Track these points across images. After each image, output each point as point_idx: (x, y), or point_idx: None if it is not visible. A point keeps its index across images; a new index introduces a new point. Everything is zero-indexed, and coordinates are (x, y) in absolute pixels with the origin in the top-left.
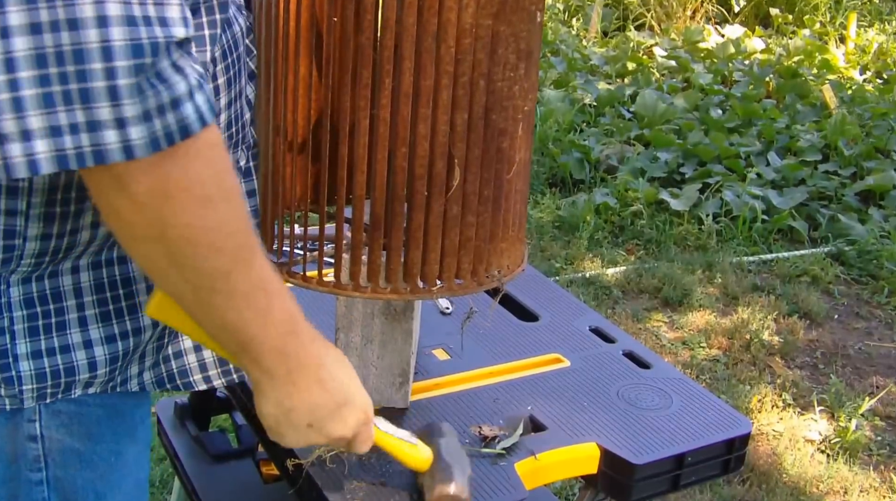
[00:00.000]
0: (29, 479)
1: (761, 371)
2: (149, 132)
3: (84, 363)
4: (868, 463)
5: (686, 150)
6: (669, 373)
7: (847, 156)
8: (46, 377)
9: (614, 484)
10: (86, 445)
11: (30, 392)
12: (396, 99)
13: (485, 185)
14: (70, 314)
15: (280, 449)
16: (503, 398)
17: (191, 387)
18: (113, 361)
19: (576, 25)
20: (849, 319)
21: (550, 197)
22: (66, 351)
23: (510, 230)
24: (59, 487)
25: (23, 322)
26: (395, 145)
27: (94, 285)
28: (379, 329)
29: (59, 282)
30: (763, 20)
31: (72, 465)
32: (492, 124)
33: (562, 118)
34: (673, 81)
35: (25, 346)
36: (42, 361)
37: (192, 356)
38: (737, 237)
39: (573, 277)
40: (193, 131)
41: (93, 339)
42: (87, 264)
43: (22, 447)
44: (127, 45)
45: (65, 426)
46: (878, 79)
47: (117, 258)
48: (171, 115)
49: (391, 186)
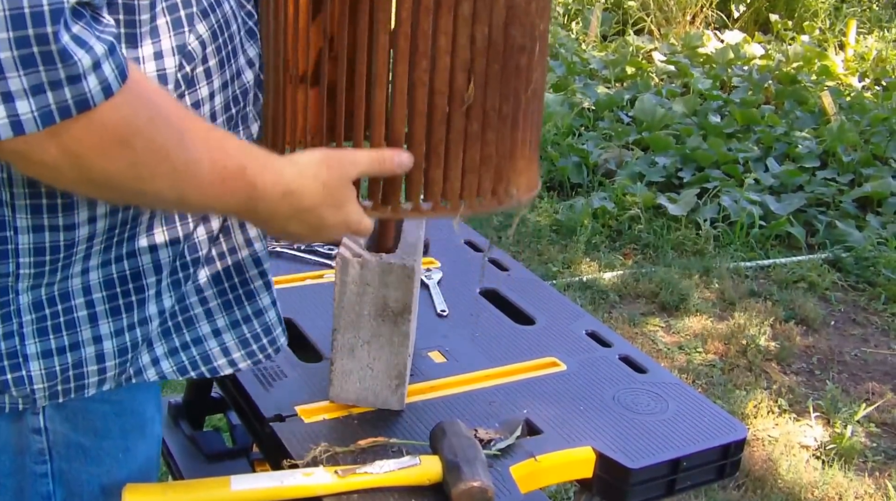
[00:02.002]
0: (34, 472)
1: (757, 377)
2: (39, 107)
3: (92, 357)
4: (863, 470)
5: (684, 155)
6: (665, 378)
7: (845, 163)
8: (56, 375)
9: (609, 488)
10: (91, 440)
11: (41, 392)
12: (417, 11)
13: (504, 101)
14: (79, 312)
15: (274, 449)
16: (499, 401)
17: (216, 373)
18: (122, 352)
19: (575, 29)
20: (845, 325)
21: (548, 201)
22: (75, 348)
23: (527, 150)
24: (63, 480)
25: (32, 325)
26: (415, 59)
27: (104, 282)
28: (376, 331)
29: (69, 285)
30: (762, 26)
31: (76, 459)
32: (511, 39)
33: (560, 122)
34: (672, 85)
35: (35, 346)
36: (52, 360)
37: (213, 341)
38: (734, 243)
39: (570, 280)
40: (96, 103)
41: (102, 334)
42: (97, 264)
43: (27, 439)
44: (7, 15)
45: (69, 421)
46: (876, 86)
47: (126, 254)
48: (68, 90)
49: (412, 101)
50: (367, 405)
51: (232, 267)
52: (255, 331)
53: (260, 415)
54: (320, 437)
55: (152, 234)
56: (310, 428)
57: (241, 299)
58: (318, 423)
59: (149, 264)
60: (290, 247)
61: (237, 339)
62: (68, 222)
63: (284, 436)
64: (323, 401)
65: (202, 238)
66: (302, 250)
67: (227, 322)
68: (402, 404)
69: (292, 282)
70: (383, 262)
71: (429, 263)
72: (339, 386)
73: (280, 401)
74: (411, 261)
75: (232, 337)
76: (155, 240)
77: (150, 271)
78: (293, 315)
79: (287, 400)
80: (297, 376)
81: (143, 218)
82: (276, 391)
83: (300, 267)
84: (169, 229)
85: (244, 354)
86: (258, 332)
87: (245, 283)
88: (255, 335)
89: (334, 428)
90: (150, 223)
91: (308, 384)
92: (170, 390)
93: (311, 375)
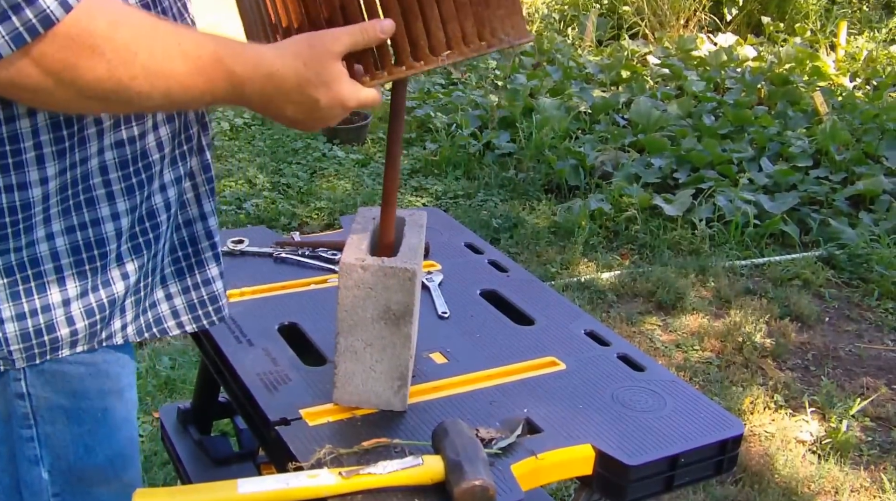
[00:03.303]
0: (21, 436)
1: (753, 373)
2: (8, 31)
3: (63, 319)
4: (859, 463)
5: (679, 156)
6: (663, 375)
7: (838, 161)
8: (31, 336)
9: (609, 485)
10: (71, 401)
11: (18, 353)
12: None
13: None
14: (48, 276)
15: (280, 452)
16: (499, 400)
17: (165, 333)
18: (89, 314)
19: (571, 34)
20: (839, 321)
21: (546, 203)
22: (46, 311)
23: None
24: (49, 443)
25: (4, 289)
26: None
27: (70, 248)
28: (378, 334)
29: (37, 250)
30: (755, 28)
31: (59, 420)
32: None
33: (557, 126)
34: (666, 88)
35: (10, 310)
36: (25, 322)
37: (165, 305)
38: (729, 242)
39: (568, 281)
40: (57, 17)
41: (70, 297)
42: (60, 229)
43: (12, 404)
44: None
45: (49, 384)
46: (867, 86)
47: (90, 222)
48: (29, 10)
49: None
50: (370, 407)
51: (186, 238)
52: (203, 298)
53: (265, 419)
54: (324, 439)
55: (114, 203)
56: (314, 431)
57: (193, 268)
58: (322, 426)
59: (112, 232)
60: (294, 253)
61: (186, 303)
62: (20, 180)
63: (289, 439)
64: (327, 404)
65: (159, 205)
66: (306, 255)
67: (178, 288)
68: (404, 405)
69: (297, 287)
70: (385, 266)
71: (430, 266)
72: (343, 389)
73: (285, 405)
74: (412, 264)
75: (182, 302)
76: (117, 208)
77: (113, 237)
78: (297, 320)
79: (292, 404)
80: (301, 380)
81: (96, 180)
82: (281, 395)
83: (304, 272)
84: (129, 199)
85: (191, 317)
86: (205, 299)
87: (197, 253)
88: (202, 301)
89: (338, 430)
90: (110, 193)
91: (312, 387)
92: (179, 396)
93: (315, 378)
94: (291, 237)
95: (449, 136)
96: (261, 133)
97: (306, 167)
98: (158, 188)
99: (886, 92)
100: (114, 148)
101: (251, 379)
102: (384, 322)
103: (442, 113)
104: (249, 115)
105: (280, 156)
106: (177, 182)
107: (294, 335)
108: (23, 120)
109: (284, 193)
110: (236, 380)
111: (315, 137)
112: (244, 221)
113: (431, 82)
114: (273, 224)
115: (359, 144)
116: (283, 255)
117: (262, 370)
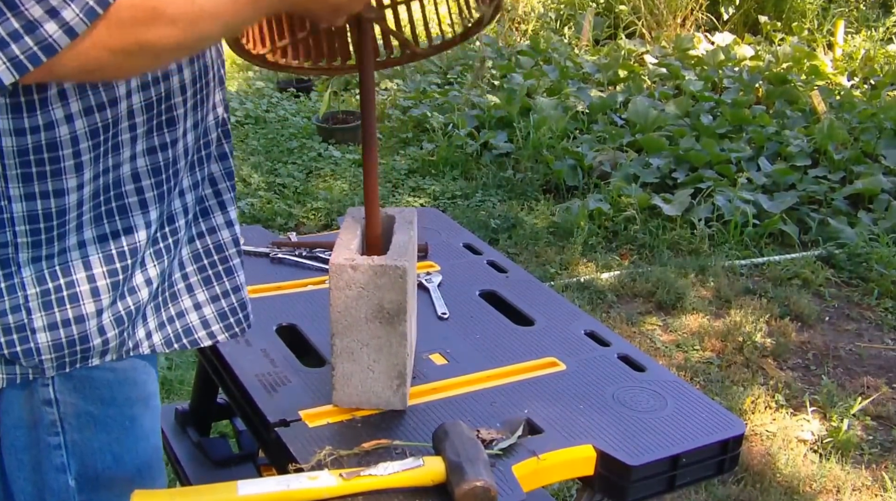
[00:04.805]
0: (48, 444)
1: (754, 373)
2: (80, 8)
3: (95, 330)
4: (860, 462)
5: (678, 156)
6: (663, 376)
7: (836, 160)
8: (63, 347)
9: (611, 485)
10: (99, 408)
11: (49, 362)
12: None
13: None
14: (81, 286)
15: (280, 454)
16: (500, 401)
17: (196, 344)
18: (119, 322)
19: (568, 34)
20: (839, 320)
21: (545, 203)
22: (80, 321)
23: None
24: (76, 451)
25: (37, 299)
26: None
27: (104, 258)
28: (373, 333)
29: (68, 258)
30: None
31: (87, 428)
32: None
33: (555, 126)
34: (664, 88)
35: (42, 319)
36: (58, 332)
37: (194, 315)
38: (729, 241)
39: (568, 282)
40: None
41: (103, 306)
42: (92, 237)
43: (39, 411)
44: None
45: (77, 390)
46: (865, 84)
47: (123, 230)
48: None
49: None
50: (370, 407)
51: (212, 246)
52: (233, 305)
53: (265, 421)
54: (325, 441)
55: (147, 211)
56: (314, 432)
57: (221, 276)
58: (322, 427)
59: (143, 239)
60: (292, 253)
61: (216, 312)
62: (57, 187)
63: (289, 441)
64: (326, 405)
65: (178, 210)
66: (303, 256)
67: (206, 297)
68: (404, 404)
69: (294, 288)
70: (375, 264)
71: (429, 266)
72: (342, 390)
73: (284, 407)
74: (402, 262)
75: (211, 310)
76: (150, 216)
77: (146, 244)
78: (296, 321)
79: (291, 405)
80: (300, 381)
81: (128, 188)
82: (281, 396)
83: (301, 273)
84: (159, 206)
85: (222, 326)
86: (235, 306)
87: (225, 260)
88: (232, 309)
89: (338, 432)
90: (142, 201)
91: (311, 388)
92: (176, 397)
93: (314, 380)
94: (288, 238)
95: (446, 136)
96: (254, 132)
97: (302, 167)
98: (178, 193)
99: (884, 91)
100: (146, 155)
101: (250, 380)
102: (379, 322)
103: (438, 113)
104: (242, 113)
105: (275, 155)
106: (194, 187)
107: (293, 336)
108: (62, 127)
109: (280, 193)
110: (235, 381)
111: (310, 137)
112: (239, 220)
113: (427, 81)
114: (269, 224)
115: (355, 143)
116: (279, 255)
117: (261, 372)
